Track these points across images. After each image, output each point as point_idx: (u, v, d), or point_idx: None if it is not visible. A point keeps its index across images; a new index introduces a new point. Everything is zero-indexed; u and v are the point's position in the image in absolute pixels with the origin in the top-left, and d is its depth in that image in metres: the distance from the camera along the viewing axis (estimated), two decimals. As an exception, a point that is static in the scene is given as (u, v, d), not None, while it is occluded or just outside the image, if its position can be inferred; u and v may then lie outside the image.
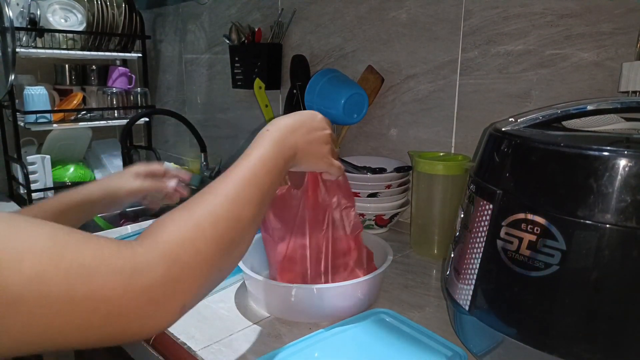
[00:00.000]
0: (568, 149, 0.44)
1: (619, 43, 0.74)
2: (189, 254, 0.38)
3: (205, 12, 1.56)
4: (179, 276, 0.37)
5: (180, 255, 0.37)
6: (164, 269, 0.36)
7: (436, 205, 0.86)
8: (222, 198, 0.42)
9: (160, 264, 0.36)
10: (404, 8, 1.01)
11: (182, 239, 0.38)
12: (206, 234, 0.39)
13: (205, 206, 0.41)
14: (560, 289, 0.44)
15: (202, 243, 0.39)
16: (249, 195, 0.44)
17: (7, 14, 1.29)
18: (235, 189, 0.44)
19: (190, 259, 0.38)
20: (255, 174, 0.46)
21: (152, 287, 0.35)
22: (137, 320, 0.35)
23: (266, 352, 0.56)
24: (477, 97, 0.92)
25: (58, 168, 1.55)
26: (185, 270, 0.37)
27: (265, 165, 0.47)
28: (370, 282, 0.65)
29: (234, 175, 0.45)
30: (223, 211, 0.41)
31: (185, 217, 0.40)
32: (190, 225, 0.39)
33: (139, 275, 0.34)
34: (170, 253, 0.37)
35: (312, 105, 1.09)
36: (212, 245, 0.39)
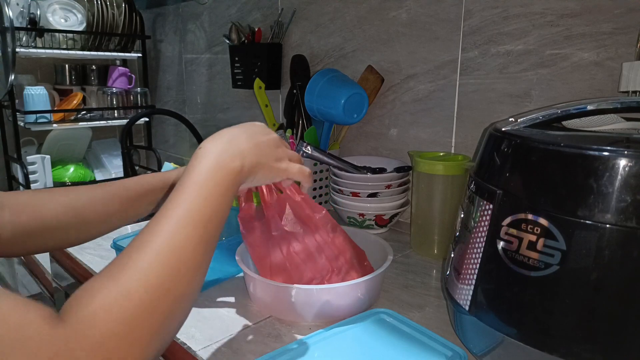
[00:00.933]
0: (568, 149, 0.44)
1: (619, 43, 0.74)
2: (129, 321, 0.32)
3: (205, 12, 1.56)
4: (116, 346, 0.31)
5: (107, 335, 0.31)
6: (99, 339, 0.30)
7: (436, 205, 0.86)
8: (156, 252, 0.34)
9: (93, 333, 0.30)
10: (404, 8, 1.01)
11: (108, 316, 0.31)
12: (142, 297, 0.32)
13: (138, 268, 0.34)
14: (560, 289, 0.44)
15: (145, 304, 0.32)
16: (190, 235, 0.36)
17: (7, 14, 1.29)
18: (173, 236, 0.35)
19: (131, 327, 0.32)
20: (194, 210, 0.37)
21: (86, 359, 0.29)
22: None
23: (266, 352, 0.56)
24: (477, 97, 0.92)
25: (58, 168, 1.55)
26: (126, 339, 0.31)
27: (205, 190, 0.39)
28: (370, 282, 0.65)
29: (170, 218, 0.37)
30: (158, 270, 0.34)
31: (113, 285, 0.33)
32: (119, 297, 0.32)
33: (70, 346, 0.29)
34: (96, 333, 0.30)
35: (312, 106, 1.09)
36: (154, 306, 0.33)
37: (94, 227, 0.59)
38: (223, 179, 0.41)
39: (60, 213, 0.56)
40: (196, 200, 0.38)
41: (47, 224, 0.55)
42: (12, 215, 0.53)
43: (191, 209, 0.37)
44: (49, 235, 0.56)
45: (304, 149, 0.97)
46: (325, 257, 0.66)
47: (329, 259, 0.67)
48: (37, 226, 0.54)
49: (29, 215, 0.54)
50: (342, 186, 1.00)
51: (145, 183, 0.60)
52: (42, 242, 0.56)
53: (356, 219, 0.99)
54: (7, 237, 0.52)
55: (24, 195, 0.56)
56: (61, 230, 0.56)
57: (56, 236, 0.56)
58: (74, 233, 0.58)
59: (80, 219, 0.57)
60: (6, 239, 0.52)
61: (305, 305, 0.64)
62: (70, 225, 0.57)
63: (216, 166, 0.41)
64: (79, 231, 0.58)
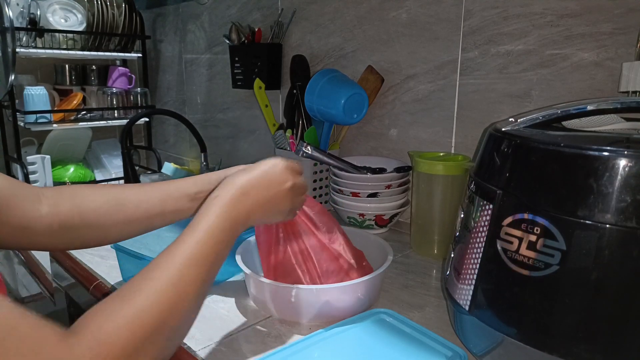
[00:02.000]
0: (568, 149, 0.44)
1: (619, 43, 0.74)
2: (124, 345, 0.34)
3: (205, 12, 1.56)
4: None
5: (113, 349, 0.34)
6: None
7: (436, 205, 0.86)
8: (162, 285, 0.38)
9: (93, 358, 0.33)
10: (404, 8, 1.01)
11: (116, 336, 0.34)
12: (143, 329, 0.36)
13: (145, 295, 0.37)
14: (560, 289, 0.44)
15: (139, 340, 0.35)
16: (193, 277, 0.40)
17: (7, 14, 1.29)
18: (179, 273, 0.40)
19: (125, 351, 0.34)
20: (200, 252, 0.42)
21: None
22: None
23: (266, 352, 0.56)
24: (477, 97, 0.92)
25: (58, 168, 1.55)
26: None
27: (213, 238, 0.43)
28: (370, 282, 0.65)
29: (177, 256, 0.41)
30: (163, 300, 0.38)
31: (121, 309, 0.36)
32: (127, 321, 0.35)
33: None
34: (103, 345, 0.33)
35: (312, 106, 1.09)
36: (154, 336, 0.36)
37: (135, 224, 0.58)
38: (230, 229, 0.45)
39: (101, 207, 0.55)
40: (204, 246, 0.42)
41: (87, 218, 0.55)
42: (51, 207, 0.53)
43: (198, 252, 0.42)
44: (89, 229, 0.55)
45: (304, 149, 0.97)
46: (325, 258, 0.67)
47: (328, 259, 0.67)
48: (77, 220, 0.54)
49: (69, 209, 0.54)
50: (342, 186, 1.00)
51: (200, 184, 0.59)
52: (82, 235, 0.55)
53: (356, 219, 0.99)
54: (45, 230, 0.52)
55: (66, 189, 0.56)
56: (102, 225, 0.56)
57: (96, 231, 0.56)
58: (115, 229, 0.57)
59: (122, 215, 0.56)
60: (44, 232, 0.52)
61: (305, 305, 0.64)
62: (111, 221, 0.56)
63: (226, 217, 0.45)
64: (120, 228, 0.57)
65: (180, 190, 0.59)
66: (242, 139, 1.53)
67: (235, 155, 1.57)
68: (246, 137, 1.51)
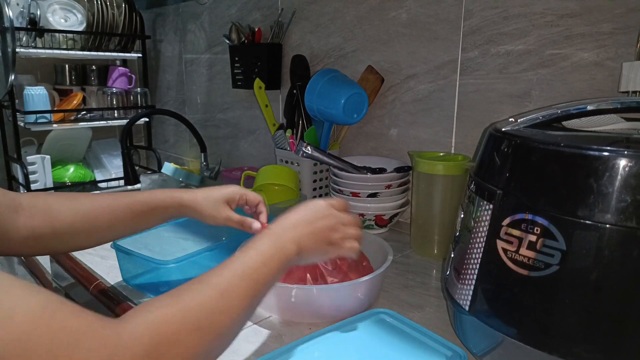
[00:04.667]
0: (568, 149, 0.44)
1: (619, 43, 0.74)
2: (169, 342, 0.37)
3: (205, 12, 1.56)
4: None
5: (160, 343, 0.36)
6: (143, 354, 0.35)
7: (436, 205, 0.86)
8: (212, 289, 0.42)
9: (142, 349, 0.35)
10: (404, 8, 1.01)
11: (165, 326, 0.37)
12: (192, 322, 0.39)
13: (194, 295, 0.40)
14: (560, 289, 0.44)
15: (184, 333, 0.38)
16: (241, 289, 0.43)
17: (7, 14, 1.29)
18: (228, 282, 0.43)
19: (169, 348, 0.37)
20: (250, 267, 0.45)
21: None
22: None
23: (266, 352, 0.56)
24: (477, 97, 0.92)
25: (58, 168, 1.55)
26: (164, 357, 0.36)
27: (262, 260, 0.47)
28: (370, 282, 0.65)
29: (228, 268, 0.45)
30: (211, 303, 0.41)
31: (172, 304, 0.39)
32: (176, 313, 0.38)
33: (120, 354, 0.34)
34: (151, 339, 0.36)
35: (312, 105, 1.09)
36: (194, 337, 0.38)
37: (101, 233, 0.63)
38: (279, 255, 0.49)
39: (70, 218, 0.60)
40: (252, 265, 0.46)
41: (58, 228, 0.59)
42: (27, 218, 0.57)
43: (247, 269, 0.45)
44: (60, 238, 0.60)
45: (304, 149, 0.97)
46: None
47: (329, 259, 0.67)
48: (49, 230, 0.58)
49: (42, 219, 0.58)
50: (342, 186, 1.00)
51: (157, 199, 0.65)
52: (52, 244, 0.60)
53: (356, 219, 0.99)
54: (20, 239, 0.56)
55: (40, 199, 0.60)
56: (71, 235, 0.60)
57: (66, 240, 0.61)
58: (82, 237, 0.62)
59: (88, 224, 0.61)
60: (19, 241, 0.56)
61: (305, 305, 0.64)
62: (79, 230, 0.61)
63: (278, 245, 0.49)
64: (87, 236, 0.62)
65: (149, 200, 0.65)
66: (242, 139, 1.53)
67: (235, 155, 1.57)
68: (246, 137, 1.51)
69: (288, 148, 1.17)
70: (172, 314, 0.38)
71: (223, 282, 0.43)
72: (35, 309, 0.32)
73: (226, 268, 0.44)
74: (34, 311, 0.32)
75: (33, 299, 0.32)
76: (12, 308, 0.31)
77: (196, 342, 0.38)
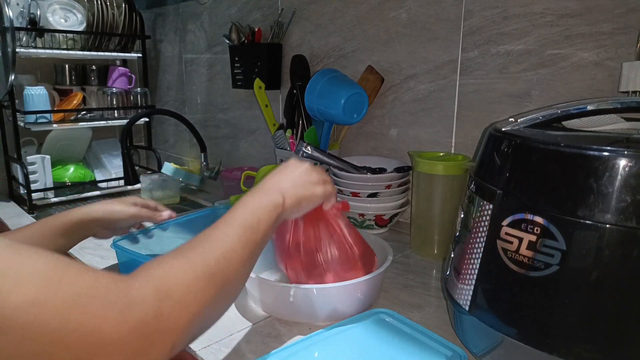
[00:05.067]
0: (568, 149, 0.44)
1: (619, 43, 0.74)
2: (180, 291, 0.38)
3: (205, 12, 1.56)
4: (169, 313, 0.37)
5: (172, 292, 0.38)
6: (156, 305, 0.36)
7: (436, 205, 0.86)
8: (213, 243, 0.44)
9: (152, 299, 0.36)
10: (404, 8, 1.01)
11: (175, 276, 0.39)
12: (198, 272, 0.40)
13: (199, 247, 0.43)
14: (560, 289, 0.44)
15: (194, 281, 0.40)
16: (240, 240, 0.46)
17: (7, 14, 1.29)
18: (226, 234, 0.46)
19: (181, 296, 0.38)
20: (244, 219, 0.48)
21: (143, 322, 0.35)
22: (125, 356, 0.34)
23: (266, 352, 0.56)
24: (477, 97, 0.92)
25: (58, 168, 1.55)
26: (176, 308, 0.38)
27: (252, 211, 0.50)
28: (370, 282, 0.65)
29: (225, 223, 0.47)
30: (215, 252, 0.43)
31: (178, 256, 0.41)
32: (183, 264, 0.40)
33: (132, 308, 0.35)
34: (162, 289, 0.37)
35: (312, 105, 1.09)
36: (203, 284, 0.40)
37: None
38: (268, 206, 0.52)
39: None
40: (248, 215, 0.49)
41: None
42: None
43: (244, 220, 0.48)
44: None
45: (304, 149, 0.97)
46: (336, 247, 0.66)
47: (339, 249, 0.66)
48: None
49: None
50: (342, 186, 1.00)
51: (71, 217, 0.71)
52: None
53: (356, 219, 0.99)
54: None
55: None
56: None
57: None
58: None
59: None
60: None
61: (305, 305, 0.64)
62: None
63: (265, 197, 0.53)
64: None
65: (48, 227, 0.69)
66: (242, 139, 1.53)
67: (235, 155, 1.57)
68: (246, 137, 1.51)
69: (288, 148, 1.17)
70: (177, 267, 0.40)
71: (222, 236, 0.45)
72: (42, 273, 0.32)
73: (223, 224, 0.47)
74: (41, 276, 0.32)
75: (39, 263, 0.33)
76: (19, 275, 0.31)
77: (204, 292, 0.40)
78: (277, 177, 0.58)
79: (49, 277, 0.32)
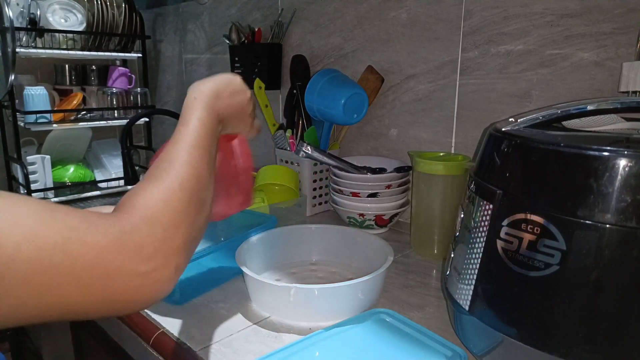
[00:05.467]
0: (568, 149, 0.44)
1: (619, 43, 0.74)
2: (167, 215, 0.40)
3: (205, 12, 1.56)
4: (163, 236, 0.39)
5: (159, 217, 0.40)
6: (148, 230, 0.38)
7: (436, 205, 0.86)
8: (179, 163, 0.46)
9: (143, 226, 0.38)
10: (404, 8, 1.01)
11: (158, 202, 0.41)
12: (177, 194, 0.43)
13: (169, 172, 0.44)
14: (560, 289, 0.44)
15: (177, 202, 0.42)
16: (200, 156, 0.48)
17: (7, 14, 1.29)
18: (188, 153, 0.47)
19: (169, 219, 0.40)
20: (199, 136, 0.50)
21: (142, 246, 0.37)
22: (134, 281, 0.36)
23: (266, 352, 0.56)
24: (477, 97, 0.92)
25: (58, 168, 1.55)
26: (168, 230, 0.40)
27: (204, 127, 0.51)
28: (371, 282, 0.65)
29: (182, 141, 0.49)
30: (185, 173, 0.45)
31: (154, 184, 0.43)
32: (162, 189, 0.42)
33: (127, 235, 0.37)
34: (150, 215, 0.39)
35: (312, 105, 1.09)
36: (185, 204, 0.43)
37: None
38: (212, 122, 0.53)
39: None
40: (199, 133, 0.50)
41: None
42: None
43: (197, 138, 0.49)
44: None
45: (304, 149, 0.97)
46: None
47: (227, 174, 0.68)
48: None
49: None
50: (342, 186, 1.00)
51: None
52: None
53: (356, 219, 0.99)
54: None
55: None
56: None
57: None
58: None
59: None
60: None
61: (305, 305, 0.64)
62: None
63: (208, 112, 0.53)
64: None
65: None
66: (242, 139, 1.53)
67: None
68: (246, 137, 1.51)
69: (288, 148, 1.17)
70: (158, 193, 0.42)
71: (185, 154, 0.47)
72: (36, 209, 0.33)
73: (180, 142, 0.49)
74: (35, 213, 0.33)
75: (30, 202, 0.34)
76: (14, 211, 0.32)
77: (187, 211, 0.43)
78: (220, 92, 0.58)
79: (42, 215, 0.33)
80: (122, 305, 0.37)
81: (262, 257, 0.81)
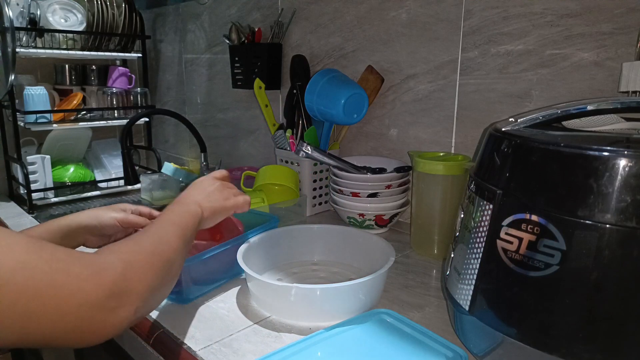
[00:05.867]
0: (568, 149, 0.44)
1: (619, 43, 0.74)
2: (139, 262, 0.47)
3: (205, 12, 1.56)
4: (132, 277, 0.44)
5: (133, 262, 0.46)
6: (123, 269, 0.44)
7: (436, 205, 0.86)
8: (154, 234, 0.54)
9: (119, 265, 0.44)
10: (404, 8, 1.01)
11: (133, 252, 0.47)
12: (149, 251, 0.49)
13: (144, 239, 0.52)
14: (560, 289, 0.44)
15: (147, 257, 0.49)
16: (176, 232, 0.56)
17: (7, 14, 1.29)
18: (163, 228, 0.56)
19: (140, 267, 0.46)
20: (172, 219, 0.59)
21: (115, 283, 0.42)
22: (101, 314, 0.41)
23: (266, 352, 0.56)
24: (477, 97, 0.92)
25: (58, 168, 1.55)
26: (138, 274, 0.45)
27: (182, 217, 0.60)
28: (372, 282, 0.65)
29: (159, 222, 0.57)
30: (156, 238, 0.53)
31: (130, 242, 0.50)
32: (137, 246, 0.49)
33: (105, 272, 0.42)
34: (125, 259, 0.45)
35: (312, 105, 1.09)
36: (154, 260, 0.49)
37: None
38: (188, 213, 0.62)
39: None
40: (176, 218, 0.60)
41: None
42: None
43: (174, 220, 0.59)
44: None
45: (304, 149, 0.97)
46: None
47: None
48: None
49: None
50: (342, 186, 1.00)
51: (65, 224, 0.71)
52: None
53: (356, 219, 0.99)
54: None
55: None
56: None
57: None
58: None
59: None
60: None
61: (306, 305, 0.64)
62: None
63: (184, 208, 0.63)
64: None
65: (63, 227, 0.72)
66: (242, 139, 1.53)
67: (235, 155, 1.57)
68: (246, 137, 1.51)
69: (288, 148, 1.17)
70: (132, 247, 0.49)
71: (161, 230, 0.55)
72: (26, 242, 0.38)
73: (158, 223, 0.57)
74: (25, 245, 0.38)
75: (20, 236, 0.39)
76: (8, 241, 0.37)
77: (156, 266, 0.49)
78: (193, 192, 0.68)
79: (32, 246, 0.38)
80: (85, 336, 0.40)
81: (263, 257, 0.81)
